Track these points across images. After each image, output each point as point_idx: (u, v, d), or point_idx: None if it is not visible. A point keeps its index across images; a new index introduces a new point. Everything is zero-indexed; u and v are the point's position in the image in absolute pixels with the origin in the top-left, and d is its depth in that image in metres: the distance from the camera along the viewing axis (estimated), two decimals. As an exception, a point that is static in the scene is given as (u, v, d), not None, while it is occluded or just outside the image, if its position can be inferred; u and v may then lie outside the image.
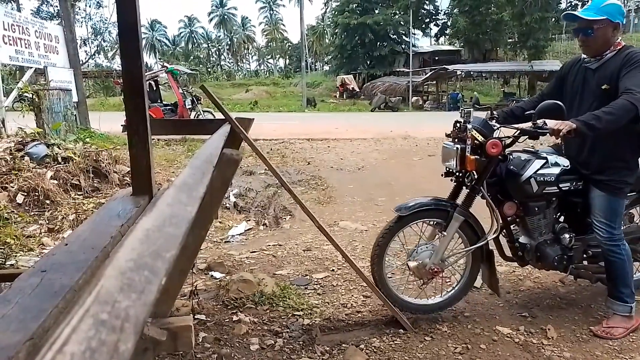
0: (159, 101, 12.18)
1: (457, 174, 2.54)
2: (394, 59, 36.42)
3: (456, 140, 2.48)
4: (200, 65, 51.34)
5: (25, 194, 4.45)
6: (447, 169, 2.56)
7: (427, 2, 37.62)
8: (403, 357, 2.32)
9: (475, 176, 2.48)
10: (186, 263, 1.42)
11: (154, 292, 0.46)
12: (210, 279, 3.25)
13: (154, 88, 12.04)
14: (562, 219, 2.71)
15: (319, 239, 4.05)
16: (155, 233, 0.58)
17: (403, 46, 35.80)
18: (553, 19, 28.43)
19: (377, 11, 35.65)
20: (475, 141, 2.39)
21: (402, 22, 35.15)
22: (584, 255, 2.69)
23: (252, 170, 7.01)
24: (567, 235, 2.60)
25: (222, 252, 3.86)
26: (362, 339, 2.46)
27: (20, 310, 1.15)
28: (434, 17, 39.13)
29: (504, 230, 2.67)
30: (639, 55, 2.30)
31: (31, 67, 8.56)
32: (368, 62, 36.69)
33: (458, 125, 2.46)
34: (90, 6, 20.30)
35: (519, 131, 2.43)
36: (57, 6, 18.59)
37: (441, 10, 39.18)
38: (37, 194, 4.46)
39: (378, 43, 35.81)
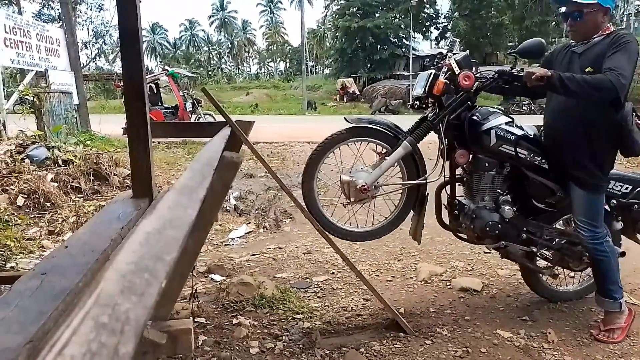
0: (159, 104, 12.18)
1: (421, 102, 2.44)
2: (394, 62, 36.48)
3: (434, 67, 2.42)
4: (201, 68, 51.41)
5: (26, 196, 4.46)
6: (414, 98, 2.47)
7: (428, 6, 37.72)
8: (403, 360, 2.31)
9: (438, 110, 2.40)
10: (186, 266, 1.42)
11: (154, 294, 0.46)
12: (210, 281, 3.25)
13: (155, 91, 12.04)
14: (508, 197, 2.60)
15: (319, 242, 4.04)
16: (155, 236, 0.58)
17: (403, 49, 35.86)
18: (553, 23, 28.52)
19: (377, 15, 35.71)
20: (451, 71, 2.32)
21: (402, 26, 35.22)
22: (519, 237, 2.58)
23: (252, 173, 7.00)
24: (507, 208, 2.50)
25: (222, 255, 3.86)
26: (363, 342, 2.45)
27: (20, 313, 1.15)
28: (434, 20, 39.25)
29: (448, 186, 2.59)
30: (626, 37, 2.24)
31: (32, 70, 8.59)
32: (368, 66, 36.73)
33: (441, 54, 2.42)
34: (91, 9, 20.34)
35: (496, 74, 2.37)
36: (58, 9, 18.65)
37: (441, 14, 39.32)
38: (37, 196, 4.46)
39: (378, 46, 35.83)
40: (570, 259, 2.68)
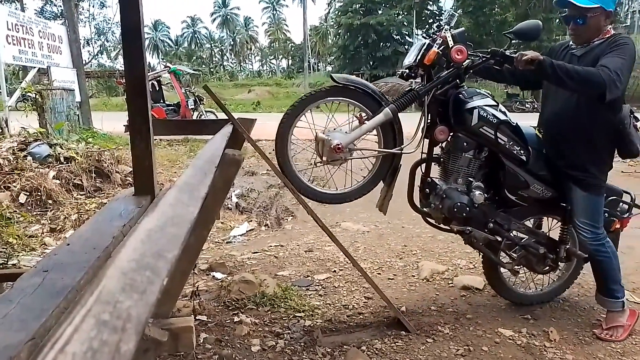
0: (161, 101, 12.18)
1: (411, 72, 2.41)
2: (397, 59, 36.40)
3: (429, 38, 2.39)
4: (203, 66, 51.45)
5: (28, 193, 4.47)
6: (405, 67, 2.44)
7: (431, 3, 37.63)
8: (404, 359, 2.31)
9: (427, 82, 2.37)
10: (188, 264, 1.42)
11: (156, 292, 0.46)
12: (212, 279, 3.25)
13: (157, 88, 12.05)
14: (482, 184, 2.53)
15: (320, 239, 4.04)
16: (157, 233, 0.58)
17: (406, 47, 35.78)
18: (557, 20, 28.42)
19: (380, 12, 35.70)
20: (445, 45, 2.29)
21: (405, 23, 35.19)
22: (486, 225, 2.54)
23: (254, 171, 7.01)
24: (479, 193, 2.45)
25: (223, 253, 3.86)
26: (364, 340, 2.45)
27: (22, 310, 1.15)
28: (437, 17, 39.12)
29: (424, 164, 2.56)
30: (624, 39, 2.25)
31: (34, 67, 8.61)
32: (371, 63, 36.72)
33: (438, 27, 2.39)
34: (93, 6, 20.36)
35: (488, 53, 2.35)
36: (60, 6, 18.66)
37: (445, 11, 39.08)
38: (39, 193, 4.47)
39: (381, 43, 35.84)
40: (535, 258, 2.65)
